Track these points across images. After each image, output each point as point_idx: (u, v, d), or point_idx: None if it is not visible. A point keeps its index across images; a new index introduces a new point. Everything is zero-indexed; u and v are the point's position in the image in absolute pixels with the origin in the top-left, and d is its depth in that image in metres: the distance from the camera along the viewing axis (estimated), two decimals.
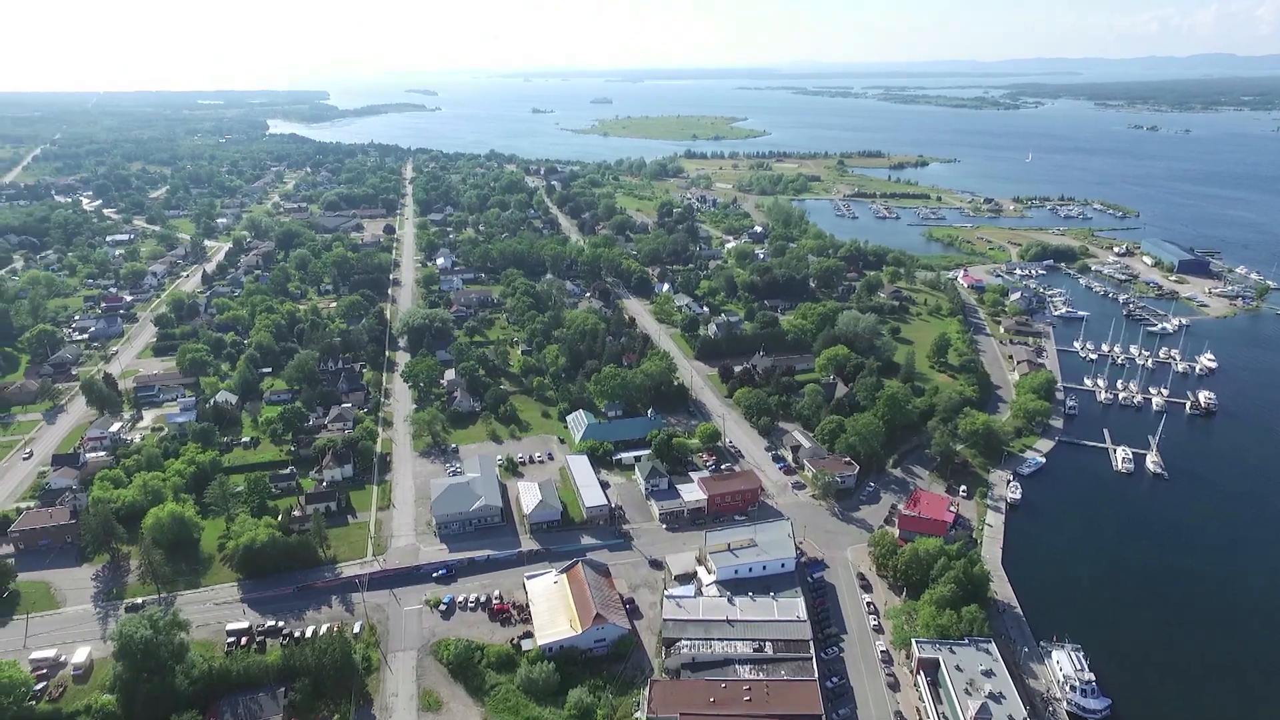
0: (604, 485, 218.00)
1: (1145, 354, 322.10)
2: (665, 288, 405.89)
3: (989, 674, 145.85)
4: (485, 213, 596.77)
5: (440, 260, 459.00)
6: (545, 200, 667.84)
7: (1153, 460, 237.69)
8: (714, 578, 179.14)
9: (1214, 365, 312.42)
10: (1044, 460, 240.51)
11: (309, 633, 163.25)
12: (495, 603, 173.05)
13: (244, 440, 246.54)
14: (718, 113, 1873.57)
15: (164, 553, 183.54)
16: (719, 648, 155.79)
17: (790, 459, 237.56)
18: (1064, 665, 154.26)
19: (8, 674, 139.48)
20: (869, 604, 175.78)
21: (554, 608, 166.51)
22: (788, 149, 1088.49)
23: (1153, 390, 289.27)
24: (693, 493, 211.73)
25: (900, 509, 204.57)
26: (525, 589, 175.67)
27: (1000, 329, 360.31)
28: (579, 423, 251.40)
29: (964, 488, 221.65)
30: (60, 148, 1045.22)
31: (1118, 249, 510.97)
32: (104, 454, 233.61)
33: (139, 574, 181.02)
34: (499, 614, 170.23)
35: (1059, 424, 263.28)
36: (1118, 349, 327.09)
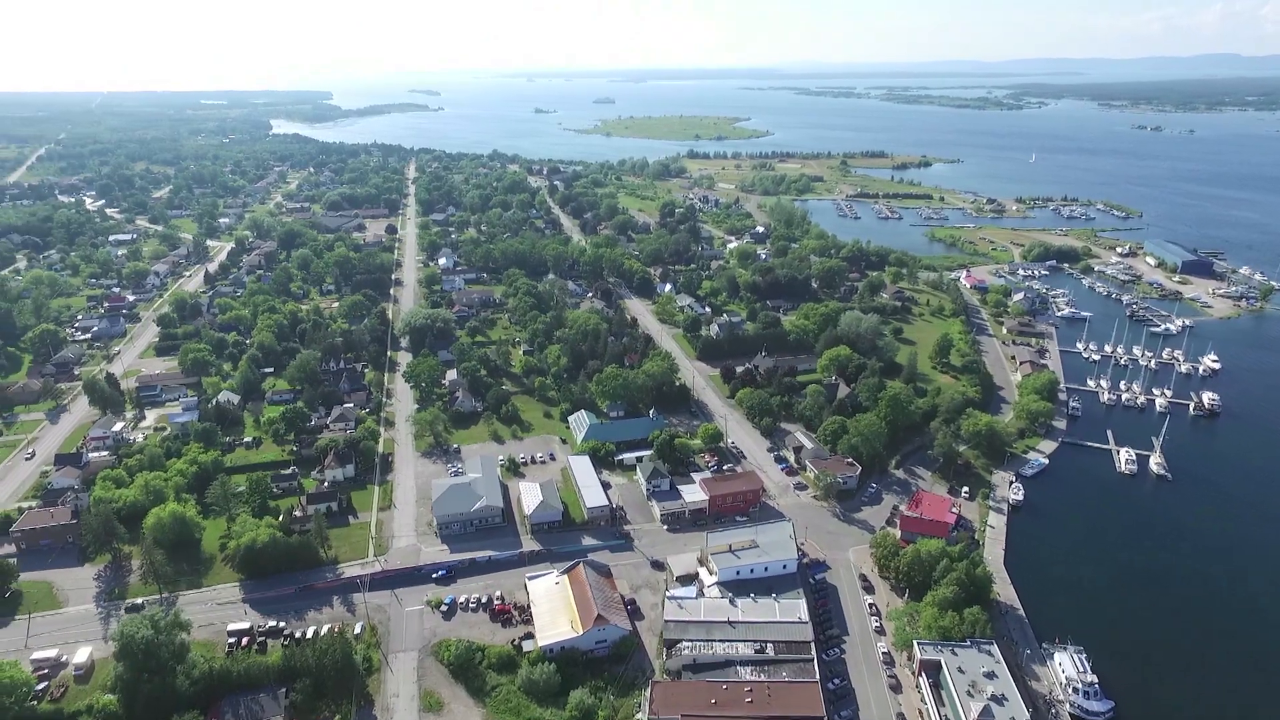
0: (605, 486, 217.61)
1: (1148, 355, 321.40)
2: (667, 288, 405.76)
3: (991, 676, 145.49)
4: (487, 213, 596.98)
5: (442, 260, 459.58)
6: (548, 200, 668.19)
7: (1156, 462, 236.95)
8: (715, 579, 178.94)
9: (1218, 366, 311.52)
10: (1047, 461, 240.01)
11: (310, 633, 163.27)
12: (496, 603, 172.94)
13: (246, 440, 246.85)
14: (720, 113, 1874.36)
15: (165, 553, 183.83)
16: (720, 649, 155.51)
17: (792, 460, 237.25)
18: (1066, 667, 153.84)
19: (9, 674, 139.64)
20: (871, 605, 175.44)
21: (555, 609, 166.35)
22: (790, 149, 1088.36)
23: (1156, 391, 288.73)
24: (694, 493, 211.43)
25: (902, 510, 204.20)
26: (526, 590, 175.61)
27: (1003, 330, 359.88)
28: (580, 423, 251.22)
29: (966, 489, 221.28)
30: (64, 148, 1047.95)
31: (1121, 250, 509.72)
32: (106, 454, 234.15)
33: (140, 574, 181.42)
34: (500, 615, 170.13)
35: (1062, 425, 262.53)
36: (1121, 350, 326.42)
